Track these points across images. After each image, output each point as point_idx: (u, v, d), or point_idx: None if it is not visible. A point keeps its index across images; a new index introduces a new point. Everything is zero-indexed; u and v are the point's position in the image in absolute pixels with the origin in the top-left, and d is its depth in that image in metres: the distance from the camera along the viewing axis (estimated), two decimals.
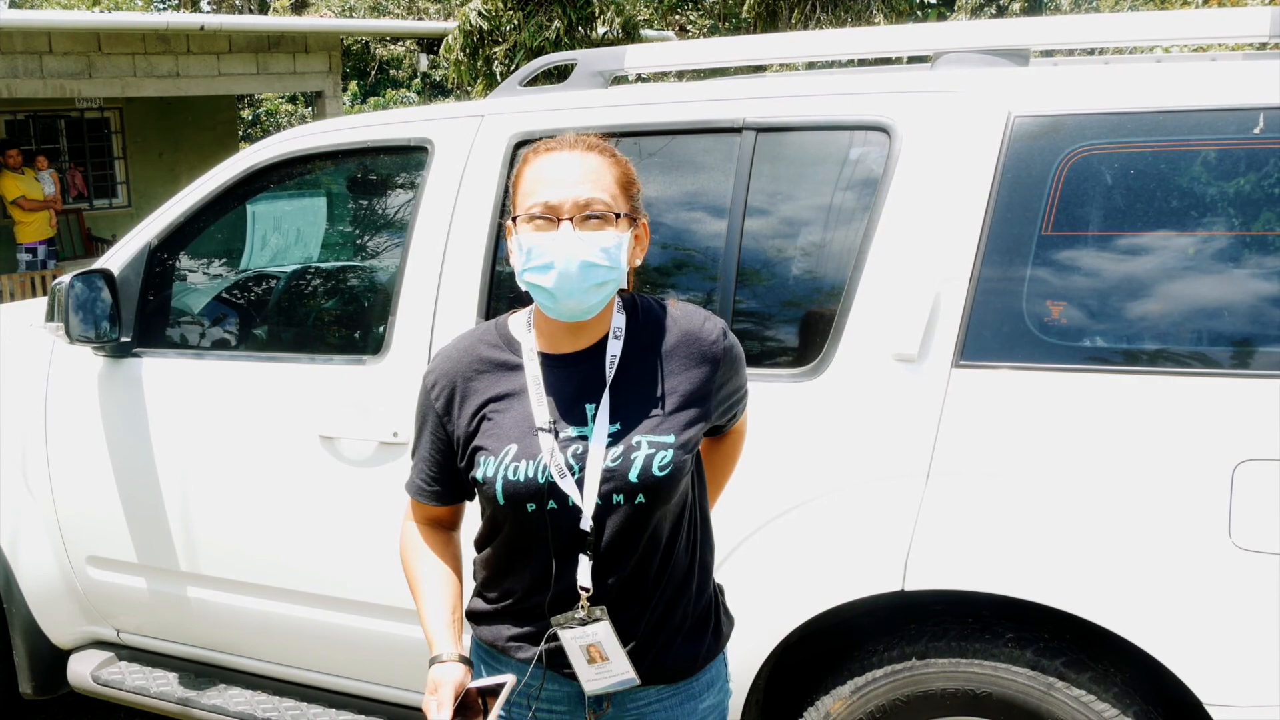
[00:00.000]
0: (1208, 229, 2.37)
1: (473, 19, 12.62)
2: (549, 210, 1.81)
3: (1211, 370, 2.28)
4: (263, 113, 25.89)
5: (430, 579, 1.97)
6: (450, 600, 1.95)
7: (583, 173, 1.83)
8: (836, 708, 2.56)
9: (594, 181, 1.83)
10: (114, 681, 3.60)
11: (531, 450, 1.83)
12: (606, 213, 1.83)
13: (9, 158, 12.02)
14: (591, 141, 1.89)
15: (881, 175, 2.58)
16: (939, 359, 2.46)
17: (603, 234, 1.81)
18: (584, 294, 1.81)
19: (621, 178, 1.88)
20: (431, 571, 1.98)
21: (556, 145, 1.88)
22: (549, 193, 1.82)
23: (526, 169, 1.88)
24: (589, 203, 1.81)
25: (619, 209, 1.85)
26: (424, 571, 1.99)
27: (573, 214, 1.81)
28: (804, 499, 2.56)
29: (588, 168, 1.84)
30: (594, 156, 1.86)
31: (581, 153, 1.86)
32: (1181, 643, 2.24)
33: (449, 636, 1.90)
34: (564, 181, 1.82)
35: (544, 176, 1.84)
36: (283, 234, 3.87)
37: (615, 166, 1.88)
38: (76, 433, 3.53)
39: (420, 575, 1.99)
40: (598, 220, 1.82)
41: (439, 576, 1.97)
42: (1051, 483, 2.35)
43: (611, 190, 1.85)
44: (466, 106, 3.21)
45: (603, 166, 1.86)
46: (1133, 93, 2.46)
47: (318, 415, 3.12)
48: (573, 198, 1.81)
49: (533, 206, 1.83)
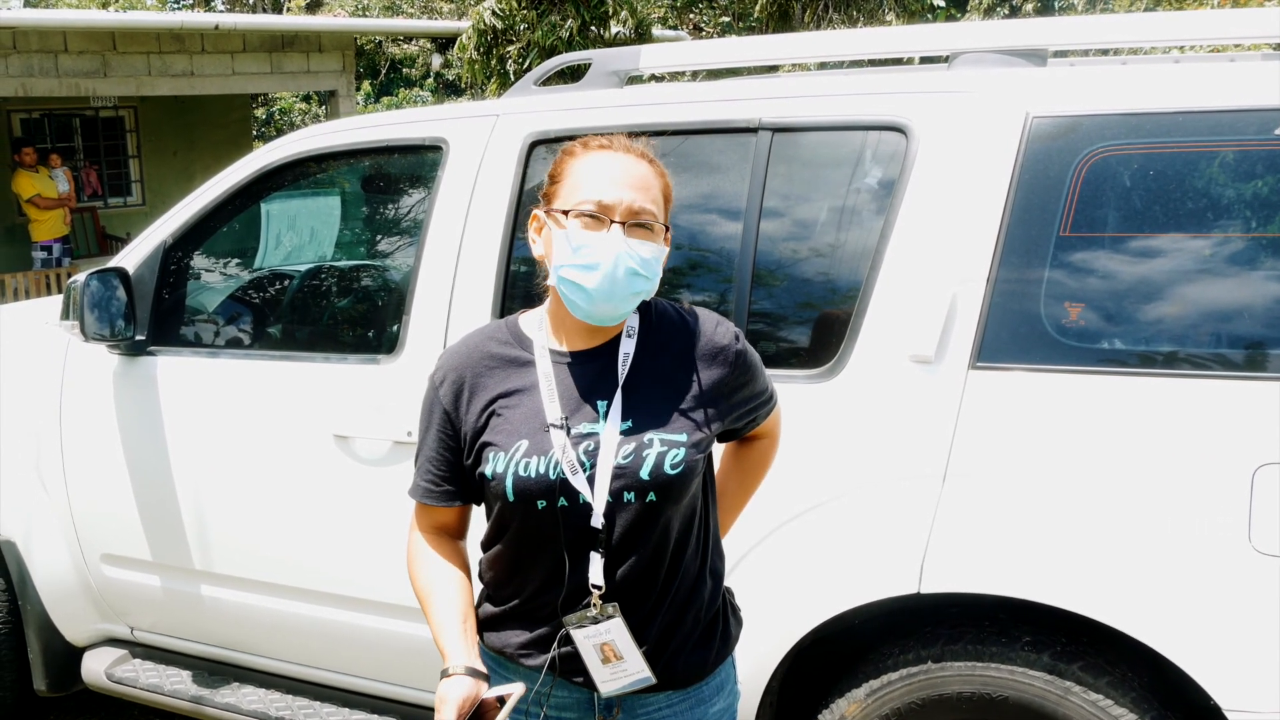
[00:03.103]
0: (1227, 230, 2.35)
1: (486, 18, 12.62)
2: (603, 209, 1.80)
3: (1231, 373, 2.27)
4: (277, 111, 25.96)
5: (440, 587, 1.92)
6: (461, 609, 1.90)
7: (637, 178, 1.83)
8: (851, 711, 2.55)
9: (646, 189, 1.83)
10: (128, 679, 3.61)
11: (543, 446, 1.82)
12: (655, 223, 1.83)
13: (24, 156, 12.08)
14: (642, 150, 1.88)
15: (898, 176, 2.57)
16: (956, 360, 2.45)
17: (647, 244, 1.81)
18: (621, 300, 1.81)
19: (665, 189, 1.88)
20: (441, 579, 1.93)
21: (609, 144, 1.86)
22: (604, 191, 1.80)
23: (575, 162, 1.86)
24: (641, 210, 1.81)
25: (664, 221, 1.85)
26: (433, 580, 1.94)
27: (625, 218, 1.79)
28: (819, 501, 2.55)
29: (640, 174, 1.84)
30: (645, 165, 1.86)
31: (635, 158, 1.85)
32: (1200, 647, 2.23)
33: (461, 647, 1.85)
34: (618, 183, 1.81)
35: (596, 174, 1.82)
36: (297, 233, 3.88)
37: (660, 178, 1.88)
38: (91, 431, 3.54)
39: (430, 583, 1.94)
40: (645, 229, 1.81)
41: (449, 584, 1.93)
42: (1069, 486, 2.33)
43: (658, 201, 1.85)
44: (481, 106, 3.21)
45: (651, 176, 1.85)
46: (1151, 93, 2.45)
47: (332, 414, 3.12)
48: (627, 202, 1.80)
49: (584, 202, 1.81)
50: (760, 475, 2.18)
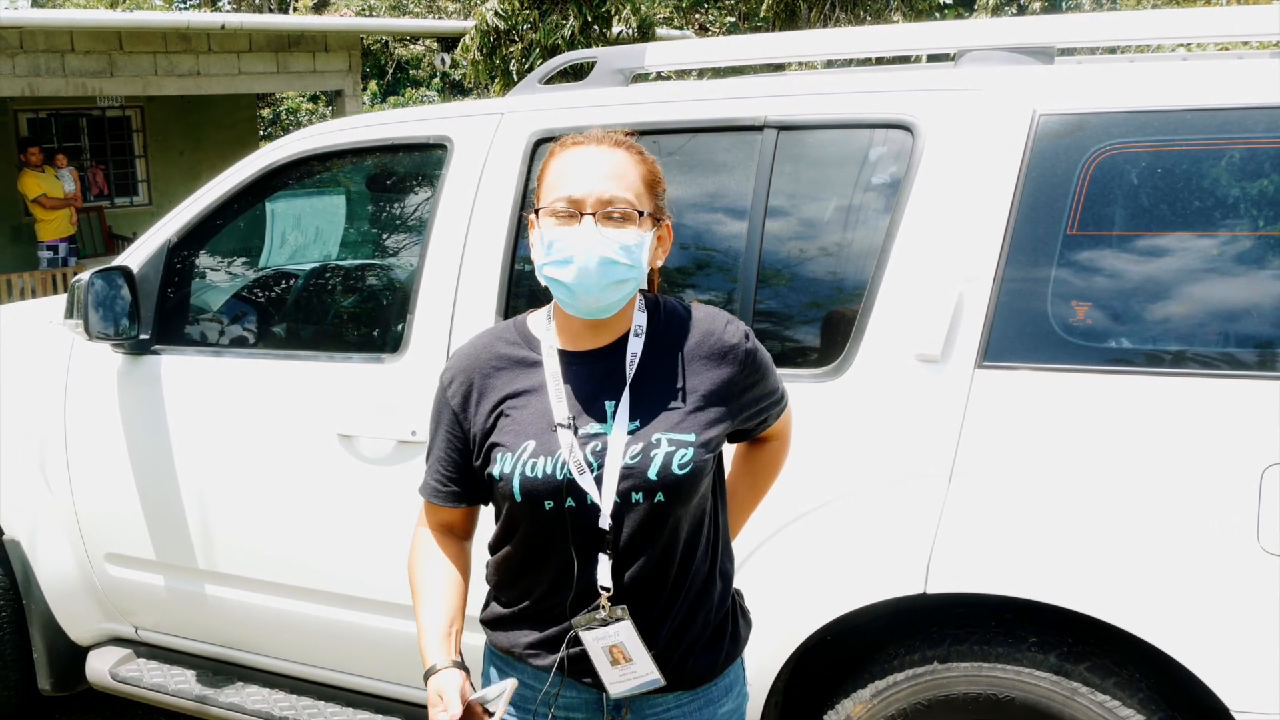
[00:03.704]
0: (1235, 229, 2.34)
1: (489, 18, 12.62)
2: (572, 204, 1.79)
3: (1238, 372, 2.25)
4: (283, 111, 25.99)
5: (433, 587, 1.93)
6: (450, 612, 1.90)
7: (609, 168, 1.81)
8: (857, 711, 2.54)
9: (619, 178, 1.81)
10: (132, 678, 3.61)
11: (550, 447, 1.81)
12: (630, 210, 1.81)
13: (30, 156, 12.10)
14: (619, 138, 1.87)
15: (904, 174, 2.56)
16: (962, 359, 2.44)
17: (624, 232, 1.80)
18: (602, 291, 1.79)
19: (647, 176, 1.86)
20: (436, 579, 1.94)
21: (583, 140, 1.86)
22: (572, 187, 1.80)
23: (552, 162, 1.87)
24: (612, 199, 1.80)
25: (643, 207, 1.83)
26: (428, 579, 1.94)
27: (595, 209, 1.79)
28: (825, 500, 2.54)
29: (614, 164, 1.82)
30: (621, 153, 1.84)
31: (609, 148, 1.84)
32: (1208, 648, 2.21)
33: (444, 648, 1.85)
34: (589, 176, 1.80)
35: (568, 170, 1.82)
36: (301, 232, 3.87)
37: (641, 164, 1.86)
38: (95, 430, 3.54)
39: (424, 582, 1.94)
40: (620, 218, 1.80)
41: (443, 585, 1.93)
42: (1076, 485, 2.32)
43: (636, 188, 1.83)
44: (485, 104, 3.20)
45: (629, 163, 1.84)
46: (1159, 91, 2.44)
47: (336, 413, 3.12)
48: (596, 193, 1.79)
49: (555, 200, 1.81)
50: (771, 478, 2.17)
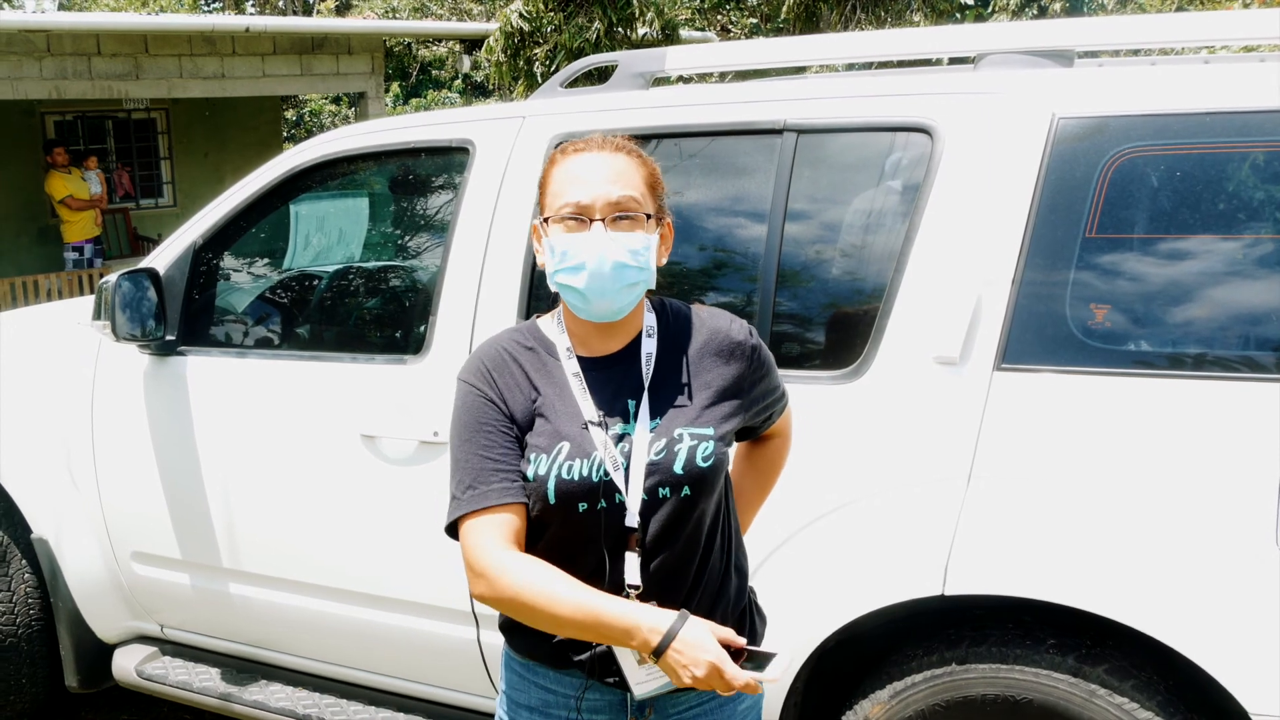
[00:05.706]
0: (1255, 232, 2.33)
1: (514, 20, 12.67)
2: (580, 210, 1.81)
3: (1257, 375, 2.25)
4: (307, 113, 26.13)
5: (562, 578, 1.77)
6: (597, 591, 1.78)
7: (612, 173, 1.83)
8: (875, 712, 2.55)
9: (624, 181, 1.83)
10: (157, 676, 3.65)
11: (584, 448, 1.82)
12: (637, 213, 1.83)
13: (56, 157, 12.20)
14: (619, 142, 1.89)
15: (923, 177, 2.57)
16: (981, 362, 2.44)
17: (633, 235, 1.82)
18: (616, 294, 1.82)
19: (649, 178, 1.88)
20: (556, 573, 1.78)
21: (585, 146, 1.88)
22: (580, 193, 1.82)
23: (554, 169, 1.88)
24: (619, 202, 1.82)
25: (647, 209, 1.85)
26: (547, 576, 1.78)
27: (604, 214, 1.81)
28: (843, 502, 2.55)
29: (617, 168, 1.84)
30: (622, 157, 1.86)
31: (610, 153, 1.86)
32: (1226, 651, 2.21)
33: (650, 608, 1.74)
34: (594, 181, 1.82)
35: (573, 177, 1.84)
36: (325, 234, 3.90)
37: (643, 166, 1.88)
38: (122, 429, 3.58)
39: (548, 580, 1.77)
40: (628, 220, 1.82)
41: (566, 576, 1.78)
42: (1094, 488, 2.32)
43: (640, 190, 1.85)
44: (508, 108, 3.22)
45: (631, 167, 1.86)
46: (1179, 94, 2.43)
47: (359, 414, 3.14)
48: (604, 198, 1.81)
49: (563, 207, 1.83)
50: (776, 474, 2.19)
